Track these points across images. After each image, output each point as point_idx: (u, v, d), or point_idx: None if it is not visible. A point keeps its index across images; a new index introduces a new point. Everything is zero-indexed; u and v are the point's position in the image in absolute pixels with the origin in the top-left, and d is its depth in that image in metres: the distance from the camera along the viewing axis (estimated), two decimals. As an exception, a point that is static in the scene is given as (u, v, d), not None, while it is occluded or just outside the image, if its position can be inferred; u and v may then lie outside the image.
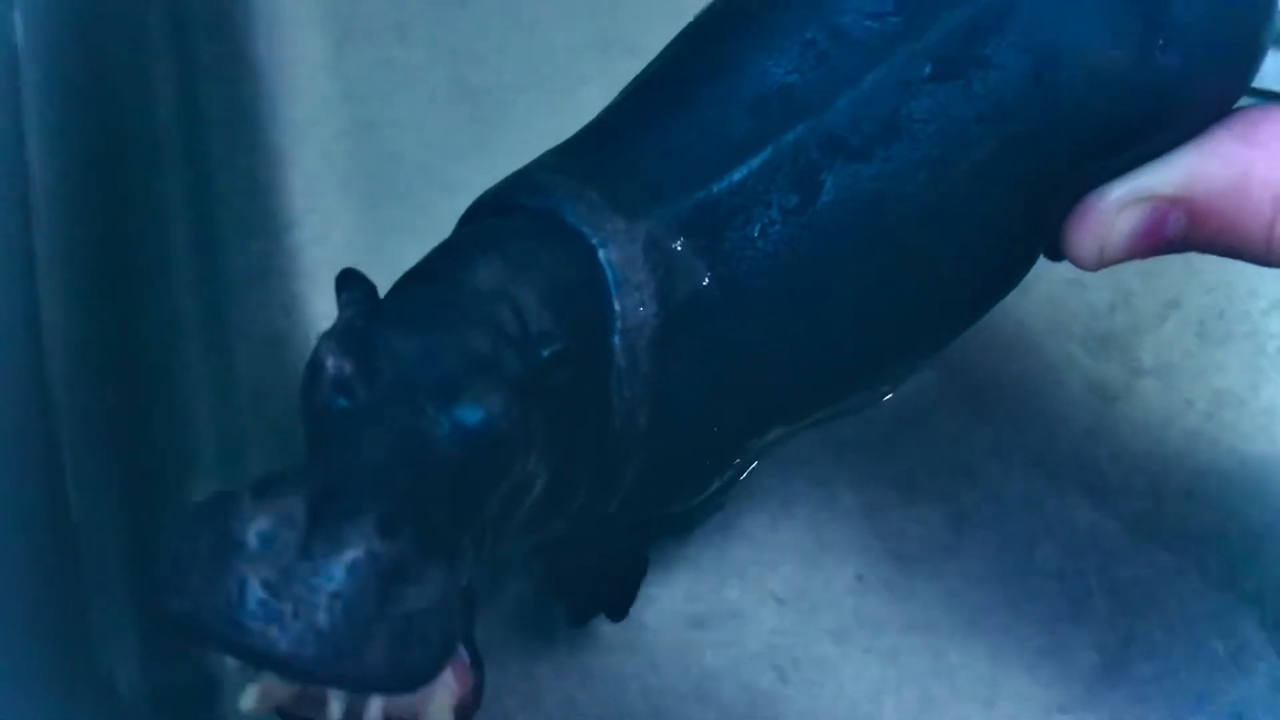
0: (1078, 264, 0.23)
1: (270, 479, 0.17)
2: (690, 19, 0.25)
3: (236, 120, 0.36)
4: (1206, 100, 0.22)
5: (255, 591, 0.16)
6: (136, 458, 0.32)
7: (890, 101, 0.20)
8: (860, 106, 0.20)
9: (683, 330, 0.20)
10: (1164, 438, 0.34)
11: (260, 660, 0.16)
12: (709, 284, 0.20)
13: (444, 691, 0.19)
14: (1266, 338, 0.34)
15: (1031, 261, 0.24)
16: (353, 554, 0.16)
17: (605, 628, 0.32)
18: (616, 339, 0.20)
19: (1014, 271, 0.24)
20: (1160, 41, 0.21)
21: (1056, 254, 0.24)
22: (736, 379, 0.21)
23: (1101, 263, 0.23)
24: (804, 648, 0.32)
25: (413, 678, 0.17)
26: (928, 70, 0.20)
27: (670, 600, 0.33)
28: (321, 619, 0.16)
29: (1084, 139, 0.21)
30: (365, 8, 0.37)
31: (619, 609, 0.29)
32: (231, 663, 0.17)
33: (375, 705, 0.18)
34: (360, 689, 0.17)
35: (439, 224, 0.34)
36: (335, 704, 0.18)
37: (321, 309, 0.35)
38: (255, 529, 0.16)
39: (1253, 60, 0.22)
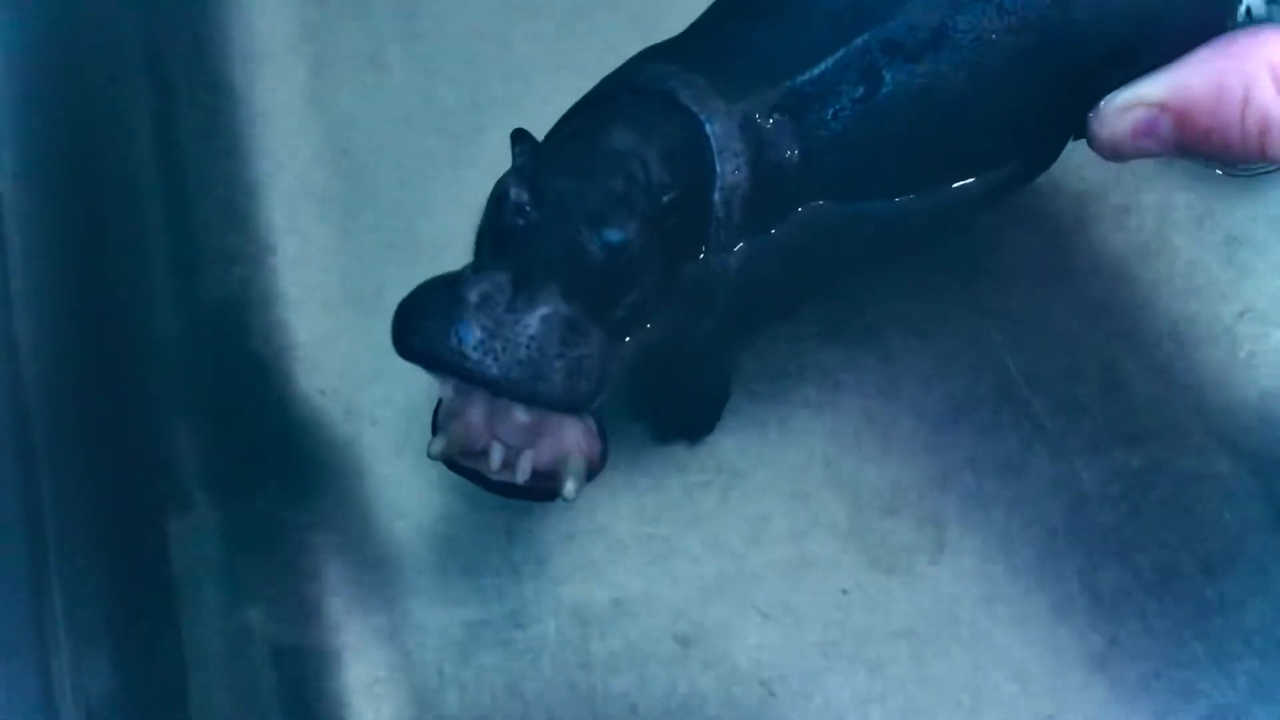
0: (1099, 153, 0.27)
1: (482, 264, 0.24)
2: (658, 39, 0.26)
3: (214, 148, 0.37)
4: (1192, 26, 0.26)
5: (475, 334, 0.22)
6: (115, 485, 0.32)
7: (939, 15, 0.25)
8: (915, 18, 0.25)
9: (768, 190, 0.25)
10: (1140, 445, 0.34)
11: (478, 381, 0.23)
12: (791, 155, 0.25)
13: (578, 452, 0.25)
14: (1238, 343, 0.35)
15: (1054, 146, 0.29)
16: (544, 310, 0.23)
17: (593, 644, 0.32)
18: (716, 195, 0.25)
19: (1038, 155, 0.29)
20: None
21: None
22: (805, 235, 0.26)
23: (1115, 156, 0.27)
24: (790, 662, 0.32)
25: (581, 400, 0.23)
26: None
27: (656, 619, 0.33)
28: (522, 353, 0.22)
29: (1091, 51, 0.26)
30: (340, 36, 0.37)
31: (701, 430, 0.33)
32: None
33: (526, 458, 0.25)
34: (545, 405, 0.23)
35: (417, 246, 0.35)
36: (496, 454, 0.25)
37: (301, 335, 0.35)
38: (476, 291, 0.23)
39: None
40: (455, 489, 0.34)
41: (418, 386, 0.33)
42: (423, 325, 0.23)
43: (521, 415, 0.24)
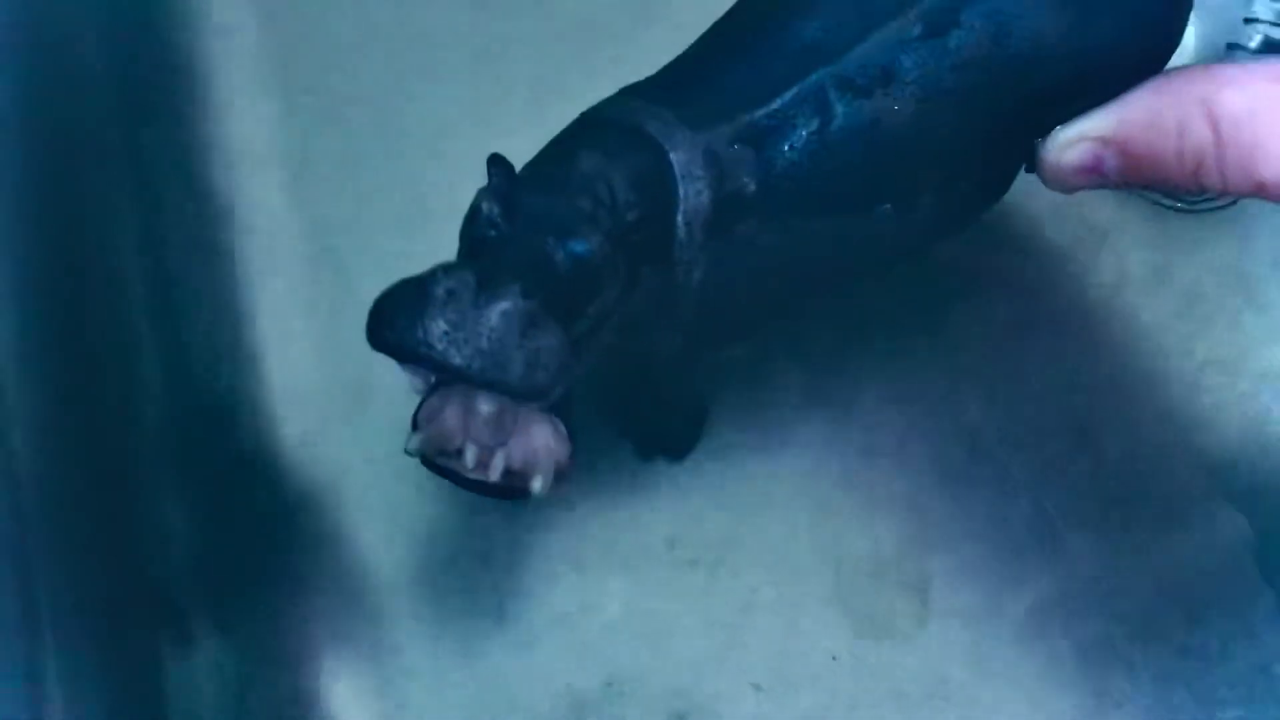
0: (1047, 185, 0.29)
1: (450, 264, 0.26)
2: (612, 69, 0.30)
3: (200, 255, 0.38)
4: (1130, 66, 0.27)
5: (441, 325, 0.24)
6: (111, 609, 0.33)
7: (888, 54, 0.27)
8: (866, 57, 0.27)
9: (728, 214, 0.27)
10: (1116, 499, 0.35)
11: (442, 369, 0.25)
12: (748, 183, 0.27)
13: (546, 453, 0.27)
14: (1203, 394, 0.36)
15: (1004, 177, 0.31)
16: (504, 305, 0.24)
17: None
18: (679, 217, 0.27)
19: (988, 185, 0.31)
20: (1090, 20, 0.27)
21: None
22: (766, 253, 0.28)
23: (1063, 189, 0.29)
24: (785, 731, 0.33)
25: (538, 388, 0.25)
26: (918, 31, 0.27)
27: (651, 698, 0.33)
28: (484, 344, 0.24)
29: (1033, 88, 0.28)
30: (319, 140, 0.38)
31: (682, 448, 0.35)
32: None
33: (499, 457, 0.27)
34: (505, 392, 0.25)
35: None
36: (470, 453, 0.27)
37: (290, 431, 0.36)
38: (443, 287, 0.25)
39: (1169, 39, 0.29)
40: (447, 574, 0.34)
41: (414, 480, 0.34)
42: (393, 319, 0.25)
43: (486, 406, 0.26)
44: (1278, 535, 0.34)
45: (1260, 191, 0.26)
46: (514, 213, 0.26)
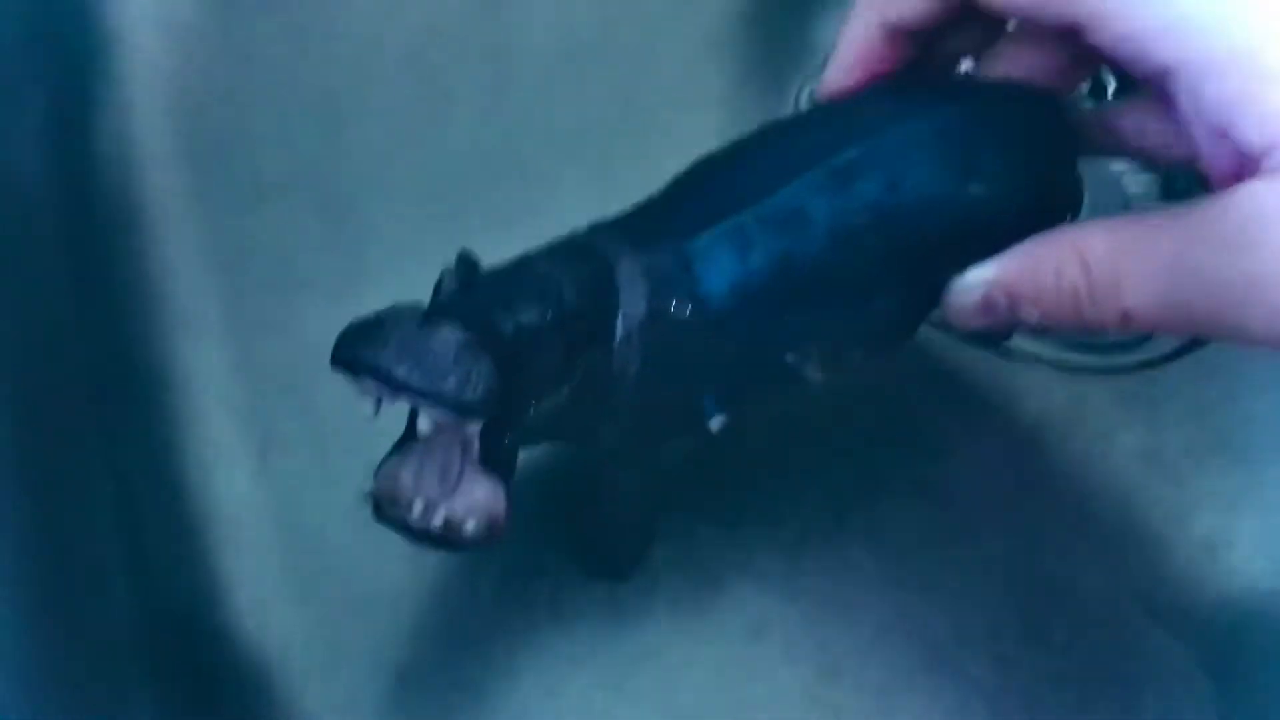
0: (953, 325, 0.33)
1: (400, 305, 0.30)
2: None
3: (175, 534, 0.39)
4: (1014, 221, 0.31)
5: (388, 347, 0.28)
6: None
7: (804, 198, 0.31)
8: (784, 200, 0.31)
9: (662, 321, 0.32)
10: (1066, 684, 0.36)
11: (387, 380, 0.28)
12: (681, 296, 0.32)
13: (483, 508, 0.30)
14: (1155, 569, 0.38)
15: (914, 312, 0.34)
16: (444, 333, 0.29)
17: None
18: (619, 320, 0.32)
19: (902, 318, 0.34)
20: (972, 180, 0.32)
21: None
22: (694, 361, 0.32)
23: (966, 328, 0.32)
24: None
25: (469, 405, 0.28)
26: (826, 181, 0.31)
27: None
28: (422, 361, 0.28)
29: (924, 235, 0.32)
30: (283, 419, 0.41)
31: (626, 567, 0.38)
32: None
33: (440, 510, 0.31)
34: (439, 405, 0.28)
35: (374, 606, 0.37)
36: (418, 504, 0.31)
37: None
38: (391, 319, 0.29)
39: (1054, 199, 0.33)
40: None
41: (384, 680, 0.36)
42: (350, 342, 0.29)
43: (425, 425, 0.30)
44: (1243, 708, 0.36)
45: (1126, 319, 0.29)
46: (470, 287, 0.31)
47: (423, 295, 0.40)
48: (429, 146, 0.46)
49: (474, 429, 0.30)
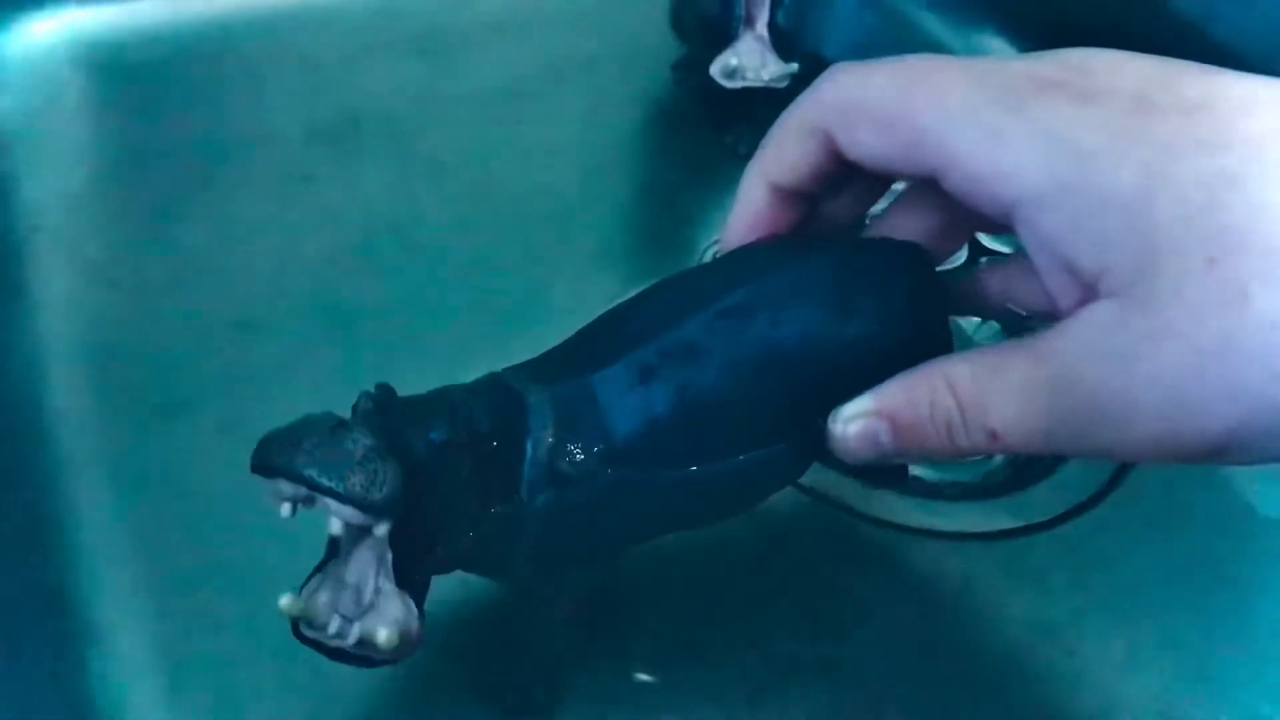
0: (840, 457, 0.34)
1: (313, 415, 0.32)
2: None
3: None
4: (891, 359, 0.34)
5: (301, 450, 0.30)
6: None
7: (699, 333, 0.34)
8: (680, 335, 0.34)
9: (569, 447, 0.34)
10: None
11: (299, 480, 0.30)
12: (589, 425, 0.34)
13: (396, 622, 0.32)
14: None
15: (809, 441, 0.35)
16: (351, 439, 0.31)
17: None
18: (529, 443, 0.34)
19: (798, 446, 0.35)
20: (850, 319, 0.34)
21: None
22: (604, 488, 0.34)
23: (851, 459, 0.34)
24: None
25: (374, 503, 0.30)
26: (718, 319, 0.34)
27: None
28: (332, 465, 0.30)
29: (808, 370, 0.34)
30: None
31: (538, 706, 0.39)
32: None
33: (355, 627, 0.32)
34: (347, 502, 0.30)
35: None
36: (334, 623, 0.32)
37: None
38: (303, 427, 0.31)
39: (924, 337, 0.35)
40: None
41: None
42: (268, 447, 0.31)
43: (335, 527, 0.32)
44: None
45: (994, 440, 0.31)
46: (387, 411, 0.33)
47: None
48: (330, 362, 0.47)
49: (385, 548, 0.32)
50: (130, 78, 0.59)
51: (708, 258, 0.49)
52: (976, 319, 0.49)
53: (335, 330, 0.49)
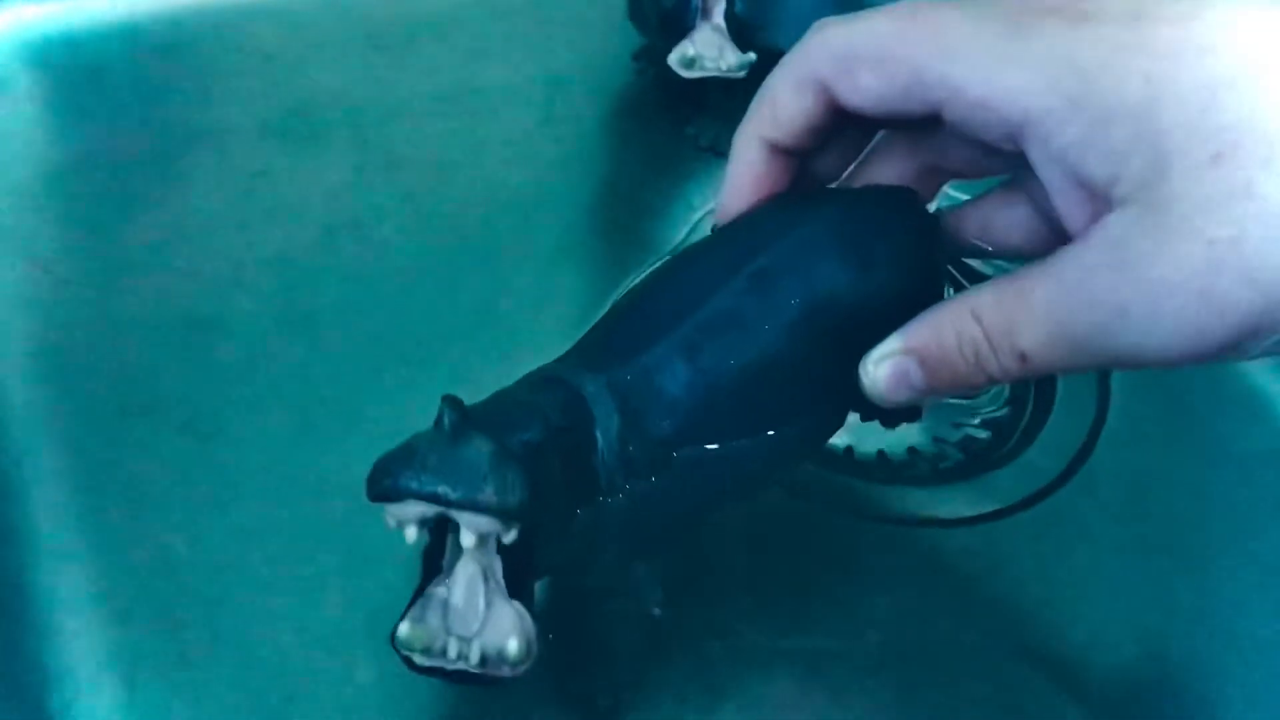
0: (875, 402, 0.35)
1: (419, 433, 0.31)
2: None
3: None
4: (909, 299, 0.35)
5: (425, 467, 0.30)
6: None
7: (733, 301, 0.34)
8: (718, 306, 0.34)
9: (635, 430, 0.34)
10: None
11: (432, 499, 0.30)
12: (646, 407, 0.34)
13: (515, 637, 0.31)
14: None
15: (843, 401, 0.36)
16: (474, 445, 0.30)
17: None
18: (598, 432, 0.34)
19: (834, 405, 0.37)
20: (870, 269, 0.35)
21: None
22: (676, 466, 0.35)
23: (883, 402, 0.34)
24: None
25: (511, 508, 0.30)
26: (748, 284, 0.35)
27: None
28: (461, 476, 0.30)
29: (837, 317, 0.35)
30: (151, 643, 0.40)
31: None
32: None
33: (475, 646, 0.31)
34: (484, 511, 0.30)
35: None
36: (452, 646, 0.31)
37: None
38: (424, 440, 0.30)
39: (931, 277, 0.37)
40: None
41: None
42: (387, 470, 0.30)
43: (467, 540, 0.31)
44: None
45: (1024, 362, 0.32)
46: (468, 419, 0.31)
47: (292, 511, 0.41)
48: (290, 364, 0.47)
49: (493, 558, 0.31)
50: (81, 73, 0.58)
51: (703, 229, 0.48)
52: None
53: (294, 327, 0.48)
